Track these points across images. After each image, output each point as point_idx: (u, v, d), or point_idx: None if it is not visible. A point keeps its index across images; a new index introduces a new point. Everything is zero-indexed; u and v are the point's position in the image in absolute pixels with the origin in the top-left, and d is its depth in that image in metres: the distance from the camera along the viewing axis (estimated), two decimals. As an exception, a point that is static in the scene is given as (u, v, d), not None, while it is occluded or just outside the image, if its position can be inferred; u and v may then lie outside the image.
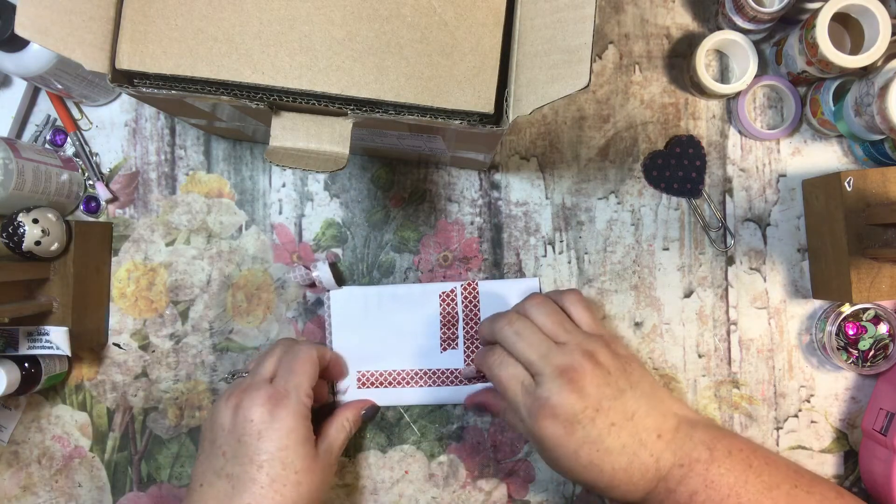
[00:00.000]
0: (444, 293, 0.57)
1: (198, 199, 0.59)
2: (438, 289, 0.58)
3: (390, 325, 0.57)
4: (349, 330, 0.57)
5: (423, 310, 0.57)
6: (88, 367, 0.59)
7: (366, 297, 0.57)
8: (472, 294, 0.57)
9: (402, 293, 0.57)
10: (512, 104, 0.38)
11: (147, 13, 0.38)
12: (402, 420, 0.59)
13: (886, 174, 0.51)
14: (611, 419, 0.44)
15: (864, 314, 0.56)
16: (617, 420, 0.45)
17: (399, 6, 0.39)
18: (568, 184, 0.59)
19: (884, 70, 0.49)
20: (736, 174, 0.59)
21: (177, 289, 0.59)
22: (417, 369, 0.57)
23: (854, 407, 0.58)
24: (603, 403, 0.45)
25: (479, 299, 0.57)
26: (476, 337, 0.57)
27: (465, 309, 0.57)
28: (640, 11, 0.59)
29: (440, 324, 0.57)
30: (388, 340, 0.57)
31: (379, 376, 0.57)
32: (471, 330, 0.57)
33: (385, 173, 0.59)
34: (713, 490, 0.44)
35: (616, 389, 0.45)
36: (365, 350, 0.57)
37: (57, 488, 0.59)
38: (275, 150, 0.40)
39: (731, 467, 0.45)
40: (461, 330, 0.57)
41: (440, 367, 0.57)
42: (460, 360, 0.56)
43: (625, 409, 0.45)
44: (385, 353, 0.57)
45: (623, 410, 0.45)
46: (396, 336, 0.57)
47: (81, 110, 0.60)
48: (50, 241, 0.51)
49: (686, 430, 0.46)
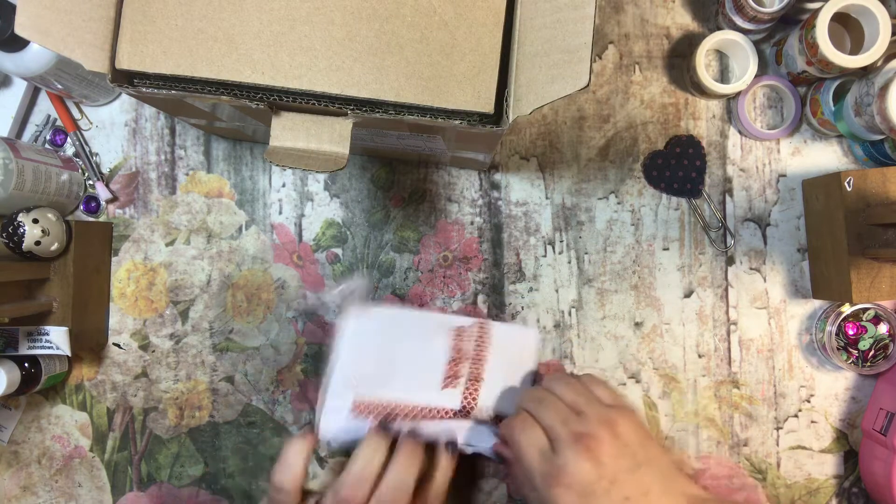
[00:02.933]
0: (458, 329, 0.55)
1: (198, 199, 0.59)
2: (452, 322, 0.56)
3: (398, 352, 0.55)
4: (357, 354, 0.55)
5: (434, 341, 0.55)
6: (88, 367, 0.59)
7: (383, 320, 0.55)
8: (484, 335, 0.56)
9: (417, 320, 0.55)
10: (512, 104, 0.38)
11: (147, 13, 0.38)
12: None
13: (886, 174, 0.51)
14: (625, 493, 0.44)
15: (864, 314, 0.56)
16: (632, 495, 0.44)
17: (399, 6, 0.39)
18: (568, 184, 0.59)
19: (884, 70, 0.49)
20: (736, 174, 0.59)
21: (177, 289, 0.59)
22: (414, 405, 0.54)
23: (854, 407, 0.58)
24: (619, 476, 0.44)
25: (490, 343, 0.55)
26: (475, 377, 0.56)
27: (476, 349, 0.55)
28: (640, 11, 0.59)
29: (448, 359, 0.55)
30: (393, 368, 0.55)
31: (375, 408, 0.54)
32: (475, 371, 0.55)
33: (385, 173, 0.59)
34: None
35: (633, 462, 0.45)
36: (366, 376, 0.54)
37: (57, 488, 0.59)
38: (275, 150, 0.40)
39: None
40: (465, 369, 0.55)
41: (437, 407, 0.54)
42: (458, 399, 0.54)
43: (640, 484, 0.44)
44: (386, 381, 0.54)
45: (639, 485, 0.44)
46: (401, 365, 0.55)
47: (81, 110, 0.60)
48: (50, 241, 0.51)
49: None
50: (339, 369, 0.54)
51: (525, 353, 0.56)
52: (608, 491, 0.43)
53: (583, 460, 0.44)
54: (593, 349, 0.59)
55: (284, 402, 0.59)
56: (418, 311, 0.56)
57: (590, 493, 0.43)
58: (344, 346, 0.54)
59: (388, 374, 0.54)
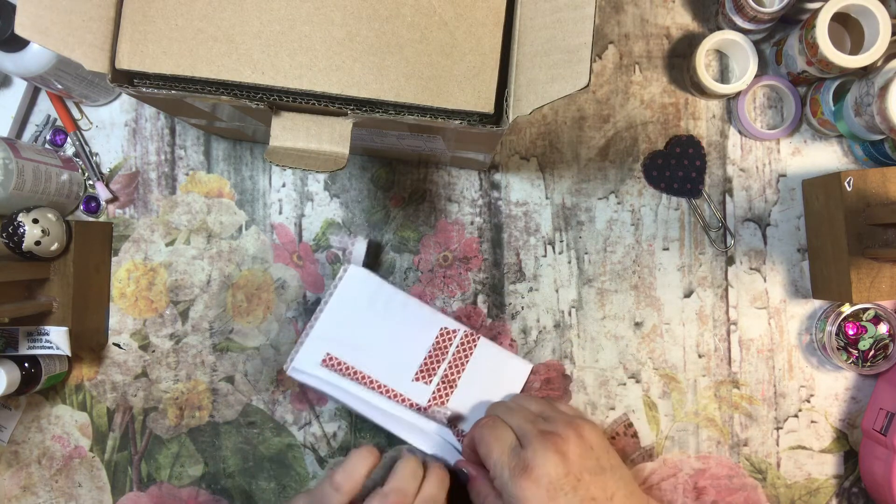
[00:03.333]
0: (446, 329, 0.56)
1: (198, 199, 0.59)
2: (443, 322, 0.56)
3: (382, 328, 0.56)
4: (345, 312, 0.55)
5: (420, 332, 0.56)
6: (88, 367, 0.59)
7: (378, 291, 0.56)
8: (469, 344, 0.56)
9: (410, 307, 0.56)
10: (512, 104, 0.38)
11: (147, 13, 0.38)
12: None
13: (886, 174, 0.51)
14: (591, 493, 0.45)
15: (864, 314, 0.56)
16: (597, 496, 0.45)
17: (399, 6, 0.39)
18: (568, 184, 0.59)
19: (884, 70, 0.49)
20: (736, 174, 0.59)
21: (177, 289, 0.59)
22: (382, 384, 0.55)
23: (854, 407, 0.58)
24: (584, 476, 0.45)
25: (473, 354, 0.56)
26: (450, 382, 0.56)
27: (456, 354, 0.56)
28: (640, 11, 0.59)
29: (427, 354, 0.56)
30: (373, 341, 0.56)
31: (346, 368, 0.55)
32: (450, 376, 0.56)
33: (385, 173, 0.59)
34: None
35: (598, 466, 0.46)
36: (346, 337, 0.55)
37: (57, 488, 0.59)
38: (275, 150, 0.40)
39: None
40: (442, 370, 0.56)
41: (404, 394, 0.55)
42: (426, 396, 0.55)
43: (605, 486, 0.46)
44: (363, 350, 0.55)
45: (603, 487, 0.46)
46: (381, 341, 0.56)
47: (81, 110, 0.60)
48: (50, 241, 0.51)
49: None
50: (325, 319, 0.56)
51: (514, 382, 0.58)
52: (575, 488, 0.45)
53: (551, 453, 0.45)
54: (593, 349, 0.59)
55: (284, 402, 0.59)
56: (416, 300, 0.57)
57: (557, 489, 0.44)
58: (336, 298, 0.56)
59: (365, 346, 0.56)
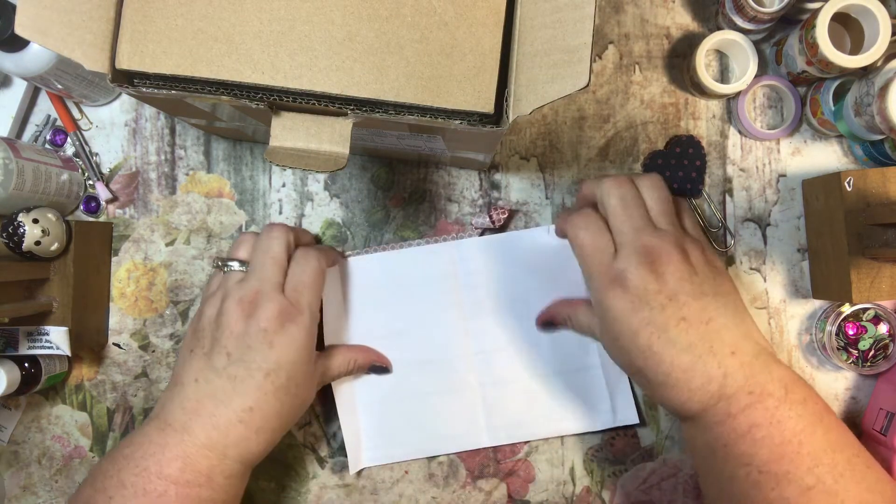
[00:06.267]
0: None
1: (198, 199, 0.59)
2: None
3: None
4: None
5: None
6: (88, 367, 0.59)
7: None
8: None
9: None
10: (512, 104, 0.38)
11: (147, 13, 0.38)
12: (402, 420, 0.58)
13: (886, 174, 0.51)
14: (683, 314, 0.42)
15: (864, 314, 0.56)
16: (689, 316, 0.42)
17: (399, 6, 0.39)
18: (568, 184, 0.59)
19: (884, 70, 0.49)
20: (736, 174, 0.59)
21: (177, 289, 0.59)
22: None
23: (854, 407, 0.58)
24: (679, 297, 0.42)
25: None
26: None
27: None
28: (640, 11, 0.59)
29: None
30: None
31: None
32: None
33: (385, 173, 0.59)
34: (776, 429, 0.41)
35: (698, 290, 0.43)
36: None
37: (57, 488, 0.59)
38: (275, 150, 0.40)
39: (802, 414, 0.42)
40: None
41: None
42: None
43: (702, 310, 0.42)
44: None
45: (700, 311, 0.42)
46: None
47: (81, 110, 0.60)
48: (50, 241, 0.51)
49: (765, 361, 0.43)
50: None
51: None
52: (664, 306, 0.42)
53: (644, 270, 0.42)
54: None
55: (284, 402, 0.59)
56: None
57: (644, 302, 0.42)
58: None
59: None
